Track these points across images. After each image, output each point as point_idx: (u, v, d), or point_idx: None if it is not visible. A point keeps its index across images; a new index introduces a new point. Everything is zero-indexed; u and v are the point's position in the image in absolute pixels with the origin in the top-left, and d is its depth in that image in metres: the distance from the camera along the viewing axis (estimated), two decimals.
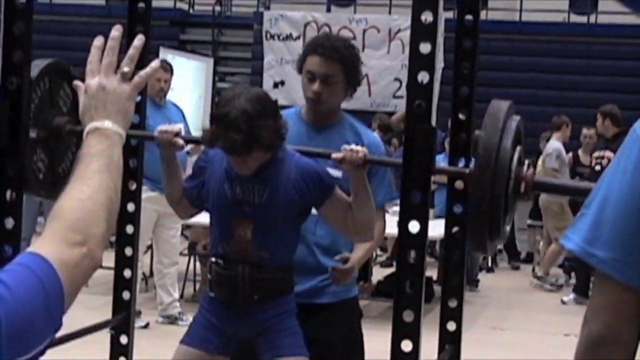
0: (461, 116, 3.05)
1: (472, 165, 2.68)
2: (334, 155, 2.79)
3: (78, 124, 3.09)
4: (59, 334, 1.34)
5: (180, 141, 2.94)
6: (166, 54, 10.39)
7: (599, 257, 1.52)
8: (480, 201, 2.55)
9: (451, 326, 3.07)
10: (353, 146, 2.81)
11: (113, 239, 3.26)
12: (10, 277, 1.26)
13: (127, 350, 3.35)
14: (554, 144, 9.74)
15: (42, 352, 1.27)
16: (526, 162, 2.76)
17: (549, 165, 9.43)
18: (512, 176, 2.60)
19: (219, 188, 2.92)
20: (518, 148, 2.66)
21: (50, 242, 1.37)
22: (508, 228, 2.76)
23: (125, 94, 1.63)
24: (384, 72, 14.76)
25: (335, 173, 3.02)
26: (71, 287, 1.34)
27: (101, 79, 1.62)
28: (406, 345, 2.53)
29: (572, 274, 10.36)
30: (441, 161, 6.35)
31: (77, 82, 1.70)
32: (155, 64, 1.72)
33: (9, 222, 2.82)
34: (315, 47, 3.16)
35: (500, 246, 11.30)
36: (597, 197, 1.56)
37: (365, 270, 8.72)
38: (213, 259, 2.97)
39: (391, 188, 3.32)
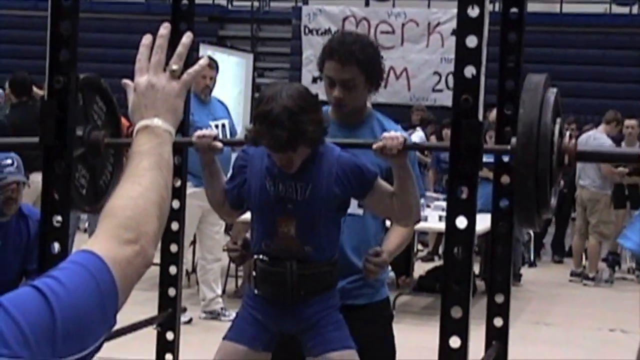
0: (507, 111, 3.02)
1: (512, 141, 2.65)
2: (375, 145, 2.78)
3: (114, 136, 3.11)
4: None
5: (219, 145, 2.93)
6: (206, 50, 10.43)
7: None
8: (525, 177, 2.53)
9: (498, 322, 3.05)
10: (392, 133, 2.80)
11: None
12: (64, 274, 1.27)
13: (173, 346, 3.36)
14: (605, 139, 9.61)
15: (97, 350, 1.28)
16: (567, 133, 2.72)
17: None
18: (554, 150, 2.57)
19: (260, 186, 2.92)
20: (558, 120, 2.63)
21: (103, 240, 1.38)
22: (554, 200, 2.73)
23: (174, 92, 1.63)
24: (423, 65, 14.71)
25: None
26: (124, 285, 1.34)
27: (150, 77, 1.63)
28: (454, 342, 2.51)
29: (616, 268, 10.28)
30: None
31: (126, 81, 1.71)
32: (203, 61, 1.72)
33: (57, 220, 2.84)
34: (331, 52, 3.14)
35: (545, 239, 11.24)
36: None
37: (406, 266, 8.69)
38: (256, 256, 2.96)
39: (418, 182, 3.27)
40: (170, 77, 1.64)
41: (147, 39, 1.66)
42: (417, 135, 10.60)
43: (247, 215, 3.15)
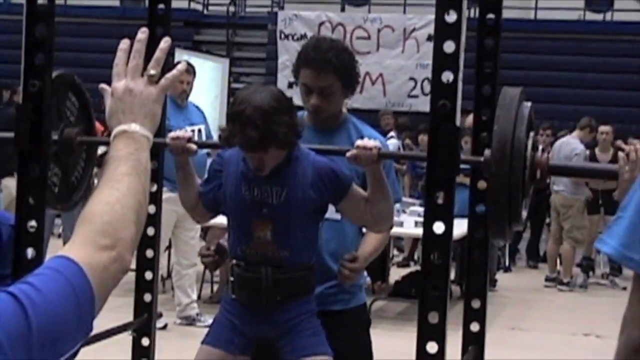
0: (483, 116, 3.02)
1: (485, 153, 2.66)
2: (348, 153, 2.78)
3: (87, 132, 3.09)
4: None
5: (194, 147, 2.92)
6: (182, 55, 10.40)
7: (637, 260, 1.50)
8: (498, 194, 2.55)
9: (474, 327, 3.06)
10: (366, 142, 2.79)
11: None
12: (40, 280, 1.26)
13: (148, 352, 3.35)
14: (578, 145, 9.68)
15: (73, 356, 1.27)
16: (539, 147, 2.75)
17: None
18: (527, 164, 2.59)
19: (236, 190, 2.91)
20: (531, 134, 2.65)
21: (80, 246, 1.37)
22: (525, 213, 2.76)
23: (152, 97, 1.62)
24: (398, 71, 14.75)
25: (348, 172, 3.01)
26: (101, 291, 1.33)
27: (128, 81, 1.62)
28: (431, 347, 2.51)
29: (590, 273, 10.33)
30: None
31: (103, 86, 1.70)
32: (181, 66, 1.72)
33: (31, 225, 2.81)
34: (307, 61, 3.15)
35: (520, 245, 11.28)
36: (633, 200, 1.54)
37: (382, 271, 8.70)
38: (234, 261, 2.96)
39: (395, 187, 3.28)
40: (148, 82, 1.63)
41: (124, 43, 1.65)
42: (392, 143, 10.62)
43: (223, 220, 3.14)
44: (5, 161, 7.16)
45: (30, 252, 2.81)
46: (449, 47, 2.48)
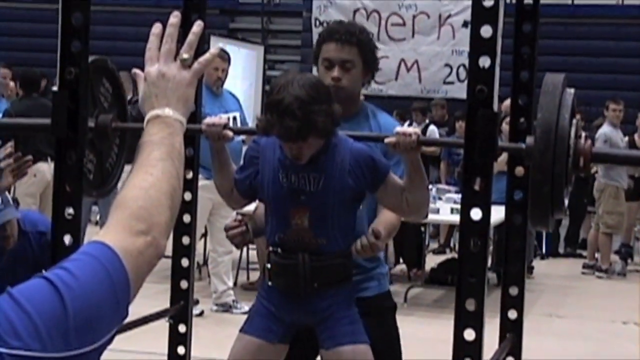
0: (521, 102, 3.00)
1: (527, 140, 2.62)
2: (387, 139, 2.76)
3: (120, 117, 3.09)
4: None
5: (230, 133, 2.91)
6: (217, 43, 10.40)
7: None
8: (542, 183, 2.52)
9: (512, 314, 3.04)
10: (405, 128, 2.78)
11: None
12: (76, 265, 1.26)
13: (185, 339, 3.35)
14: (602, 129, 9.63)
15: (109, 341, 1.27)
16: (583, 134, 2.71)
17: None
18: (570, 153, 2.56)
19: (273, 178, 2.90)
20: (574, 122, 2.61)
21: (114, 231, 1.37)
22: (567, 200, 2.72)
23: (185, 81, 1.61)
24: (434, 58, 14.65)
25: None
26: (136, 276, 1.33)
27: (161, 66, 1.61)
28: (469, 335, 2.49)
29: (629, 261, 10.23)
30: None
31: (136, 70, 1.70)
32: (214, 50, 1.71)
33: (69, 212, 2.82)
34: (331, 33, 3.15)
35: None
36: None
37: (418, 258, 8.68)
38: (271, 248, 2.95)
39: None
40: (181, 66, 1.62)
41: (157, 27, 1.64)
42: (430, 130, 10.57)
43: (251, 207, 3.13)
44: (38, 147, 7.22)
45: (67, 239, 2.82)
46: (486, 31, 2.45)
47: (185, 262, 3.37)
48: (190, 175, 3.31)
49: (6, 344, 1.13)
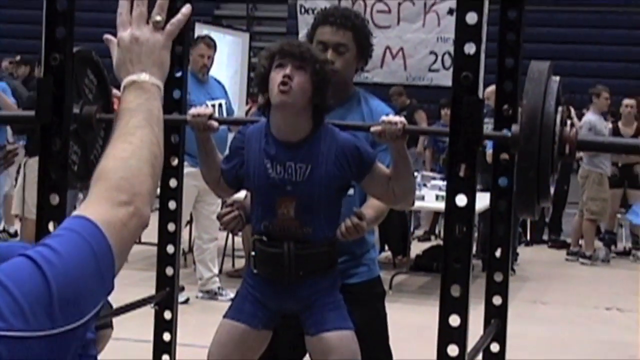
0: (506, 88, 3.01)
1: (513, 128, 2.63)
2: (373, 128, 2.76)
3: (105, 109, 3.08)
4: (103, 310, 1.32)
5: (215, 124, 2.90)
6: (202, 30, 10.37)
7: None
8: (527, 169, 2.53)
9: (497, 300, 3.06)
10: (391, 117, 2.78)
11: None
12: (57, 242, 1.24)
13: (170, 325, 3.36)
14: (587, 117, 9.67)
15: (96, 315, 1.26)
16: (568, 122, 2.72)
17: None
18: (556, 139, 2.57)
19: (259, 168, 2.90)
20: (560, 109, 2.62)
21: (96, 204, 1.35)
22: (552, 188, 2.74)
23: (159, 44, 1.57)
24: (419, 45, 14.61)
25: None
26: (120, 248, 1.32)
27: (133, 30, 1.57)
28: (454, 320, 2.51)
29: (612, 247, 10.28)
30: None
31: (107, 36, 1.64)
32: (186, 10, 1.63)
33: (54, 199, 2.82)
34: (326, 16, 3.15)
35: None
36: None
37: (403, 245, 8.70)
38: (256, 236, 2.95)
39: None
40: (154, 29, 1.57)
41: None
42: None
43: (241, 195, 3.12)
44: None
45: (52, 226, 2.82)
46: (471, 18, 2.46)
47: (170, 249, 3.37)
48: (175, 162, 3.31)
49: None
